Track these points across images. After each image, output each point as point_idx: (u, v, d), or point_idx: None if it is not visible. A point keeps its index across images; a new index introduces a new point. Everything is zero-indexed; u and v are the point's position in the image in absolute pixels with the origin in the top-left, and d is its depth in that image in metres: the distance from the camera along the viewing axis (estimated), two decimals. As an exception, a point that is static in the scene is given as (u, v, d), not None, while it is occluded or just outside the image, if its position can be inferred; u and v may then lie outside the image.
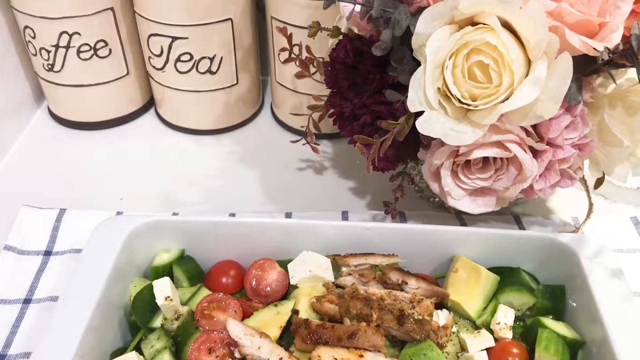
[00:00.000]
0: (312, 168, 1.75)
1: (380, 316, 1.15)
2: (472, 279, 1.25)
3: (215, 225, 1.31)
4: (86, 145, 1.83)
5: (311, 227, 1.30)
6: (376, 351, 1.11)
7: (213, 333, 1.16)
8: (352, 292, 1.20)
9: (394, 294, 1.20)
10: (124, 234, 1.26)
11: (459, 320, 1.24)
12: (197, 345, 1.15)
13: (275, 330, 1.18)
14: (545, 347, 1.11)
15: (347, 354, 1.11)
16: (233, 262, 1.34)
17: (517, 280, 1.27)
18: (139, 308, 1.23)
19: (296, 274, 1.26)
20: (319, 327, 1.15)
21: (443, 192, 1.28)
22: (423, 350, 1.12)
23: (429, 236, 1.28)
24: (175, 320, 1.22)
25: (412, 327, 1.13)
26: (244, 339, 1.14)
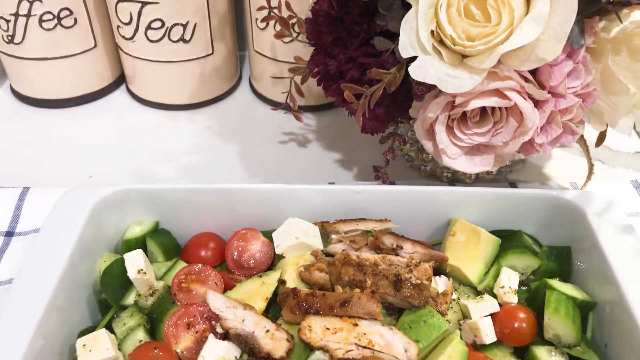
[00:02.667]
0: (295, 141, 1.65)
1: (374, 282, 1.05)
2: (472, 242, 1.16)
3: (191, 193, 1.20)
4: (52, 124, 1.71)
5: (296, 193, 1.19)
6: (372, 319, 1.01)
7: (192, 307, 1.05)
8: (343, 258, 1.10)
9: (388, 258, 1.10)
10: (90, 206, 1.14)
11: (459, 287, 1.15)
12: (174, 321, 1.04)
13: (261, 302, 1.07)
14: (555, 309, 1.02)
15: (340, 323, 1.01)
16: (212, 234, 1.23)
17: (520, 243, 1.19)
18: (108, 284, 1.11)
19: (282, 243, 1.16)
20: (308, 296, 1.05)
21: (437, 150, 1.19)
22: (423, 317, 1.02)
23: (424, 198, 1.19)
24: (150, 296, 1.11)
25: (410, 292, 1.03)
26: (226, 312, 1.03)
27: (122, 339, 1.05)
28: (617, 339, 1.00)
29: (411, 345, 0.97)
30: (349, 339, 0.99)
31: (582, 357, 1.00)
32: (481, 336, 1.04)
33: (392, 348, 0.97)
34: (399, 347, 0.97)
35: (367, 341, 0.98)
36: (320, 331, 1.00)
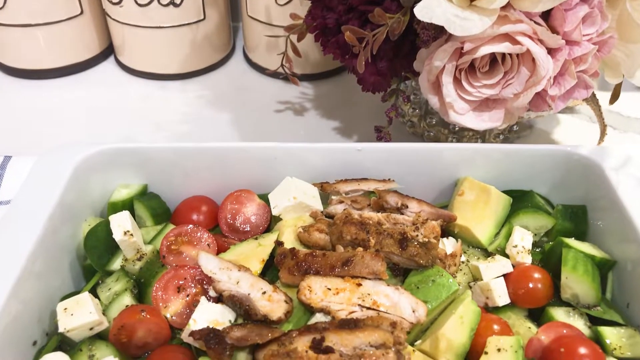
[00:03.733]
0: (291, 110, 1.57)
1: (378, 241, 0.98)
2: (481, 201, 1.09)
3: (181, 153, 1.12)
4: (36, 94, 1.63)
5: (293, 152, 1.12)
6: (376, 279, 0.94)
7: (182, 269, 0.98)
8: (344, 217, 1.02)
9: (393, 217, 1.03)
10: (71, 166, 1.06)
11: (468, 249, 1.08)
12: (164, 283, 0.96)
13: (257, 264, 1.00)
14: (573, 267, 0.95)
15: (342, 283, 0.93)
16: (204, 197, 1.16)
17: (532, 203, 1.11)
18: (93, 248, 1.03)
19: (279, 204, 1.08)
20: (307, 256, 0.97)
21: (444, 106, 1.12)
22: (431, 276, 0.95)
23: (429, 157, 1.12)
24: (138, 260, 1.03)
25: (417, 251, 0.96)
26: (220, 274, 0.96)
27: (108, 304, 0.97)
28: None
29: (419, 305, 0.90)
30: (352, 299, 0.92)
31: (602, 317, 0.93)
32: (493, 298, 0.97)
33: (398, 309, 0.90)
34: (406, 307, 0.90)
35: (371, 302, 0.91)
36: (321, 292, 0.92)
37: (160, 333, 0.91)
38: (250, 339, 0.86)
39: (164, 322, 0.92)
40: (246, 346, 0.89)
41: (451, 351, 0.88)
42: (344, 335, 0.84)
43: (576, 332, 0.91)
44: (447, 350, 0.88)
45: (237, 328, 0.89)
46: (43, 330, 0.93)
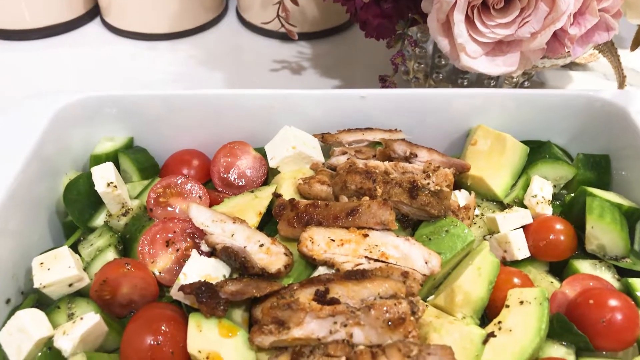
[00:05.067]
0: (288, 69, 1.48)
1: (386, 191, 0.90)
2: (496, 150, 1.00)
3: (170, 102, 1.03)
4: (18, 56, 1.53)
5: (292, 100, 1.03)
6: (384, 229, 0.85)
7: (171, 222, 0.89)
8: (348, 166, 0.94)
9: (401, 165, 0.94)
10: (48, 116, 0.97)
11: (482, 202, 1.00)
12: (150, 237, 0.87)
13: (253, 217, 0.91)
14: (600, 215, 0.87)
15: (347, 234, 0.85)
16: (195, 151, 1.07)
17: (550, 153, 1.03)
18: (73, 202, 0.95)
19: (276, 155, 1.00)
20: (308, 207, 0.89)
21: (455, 49, 1.03)
22: (444, 227, 0.87)
23: (439, 104, 1.03)
24: (123, 216, 0.94)
25: (428, 200, 0.88)
26: (212, 226, 0.87)
27: (89, 261, 0.89)
28: (672, 250, 0.86)
29: (432, 256, 0.81)
30: (358, 251, 0.83)
31: (632, 268, 0.85)
32: (512, 251, 0.89)
33: (409, 260, 0.82)
34: (417, 259, 0.82)
35: (379, 253, 0.83)
36: (324, 243, 0.84)
37: (147, 289, 0.82)
38: (246, 293, 0.78)
39: (150, 278, 0.83)
40: (242, 301, 0.81)
41: (468, 305, 0.80)
42: (351, 286, 0.76)
43: (604, 284, 0.83)
44: (464, 304, 0.80)
45: (231, 282, 0.80)
46: (18, 289, 0.85)
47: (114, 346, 0.80)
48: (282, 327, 0.73)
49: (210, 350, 0.73)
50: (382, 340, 0.70)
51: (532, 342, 0.74)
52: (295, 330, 0.72)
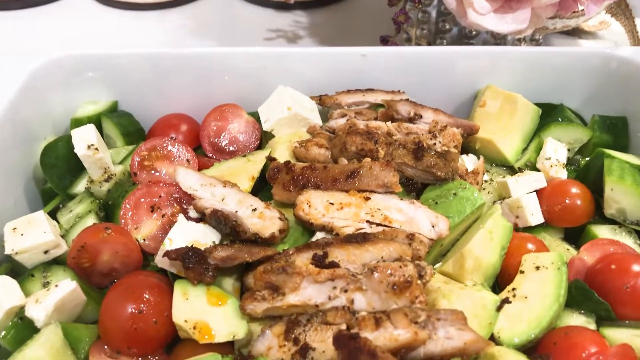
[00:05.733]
0: (284, 38, 1.41)
1: (389, 152, 0.83)
2: (506, 111, 0.94)
3: (156, 61, 0.96)
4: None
5: (286, 59, 0.96)
6: (387, 192, 0.79)
7: (156, 186, 0.82)
8: (347, 127, 0.87)
9: (405, 126, 0.87)
10: (23, 77, 0.89)
11: (491, 167, 0.93)
12: (134, 202, 0.81)
13: (246, 182, 0.85)
14: (620, 177, 0.81)
15: (347, 197, 0.78)
16: (183, 115, 1.00)
17: (563, 116, 0.97)
18: (51, 166, 0.88)
19: (270, 117, 0.93)
20: (305, 170, 0.82)
21: (461, 5, 0.96)
22: (452, 190, 0.80)
23: (445, 62, 0.97)
24: (105, 182, 0.88)
25: (434, 161, 0.81)
26: (201, 190, 0.81)
27: (68, 229, 0.82)
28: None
29: (440, 219, 0.75)
30: (359, 215, 0.77)
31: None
32: (525, 217, 0.83)
33: (414, 224, 0.75)
34: (423, 222, 0.75)
35: (382, 217, 0.76)
36: (322, 207, 0.77)
37: (130, 257, 0.76)
38: (238, 258, 0.71)
39: (133, 244, 0.76)
40: (233, 269, 0.75)
41: (479, 272, 0.74)
42: (351, 250, 0.69)
43: (626, 249, 0.77)
44: (474, 270, 0.73)
45: (221, 248, 0.73)
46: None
47: (93, 318, 0.73)
48: (277, 293, 0.67)
49: (197, 319, 0.67)
50: (386, 306, 0.64)
51: (549, 309, 0.67)
52: (291, 296, 0.66)
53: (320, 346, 0.63)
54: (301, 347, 0.63)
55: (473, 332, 0.58)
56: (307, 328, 0.65)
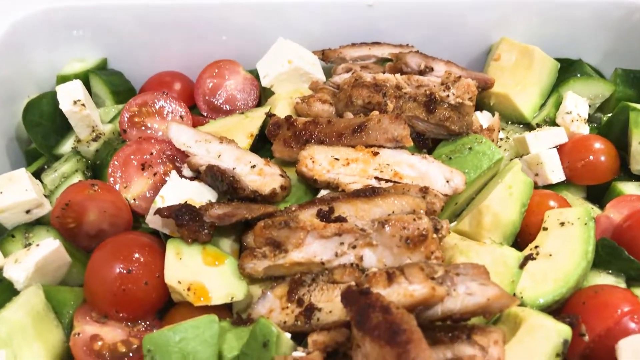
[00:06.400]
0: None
1: (398, 105, 0.77)
2: (522, 65, 0.88)
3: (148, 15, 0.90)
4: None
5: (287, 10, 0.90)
6: (397, 147, 0.73)
7: (146, 143, 0.76)
8: (353, 80, 0.81)
9: (415, 78, 0.81)
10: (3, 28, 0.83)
11: (507, 125, 0.87)
12: (123, 159, 0.74)
13: (243, 140, 0.79)
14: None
15: (353, 153, 0.72)
16: (176, 73, 0.94)
17: (582, 71, 0.90)
18: (35, 124, 0.82)
19: (270, 72, 0.86)
20: (308, 125, 0.76)
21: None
22: (467, 144, 0.74)
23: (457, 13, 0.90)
24: (93, 141, 0.82)
25: (448, 114, 0.75)
26: (195, 147, 0.74)
27: (53, 189, 0.76)
28: None
29: (455, 174, 0.69)
30: (366, 171, 0.71)
31: (687, 189, 0.73)
32: (545, 174, 0.77)
33: (427, 180, 0.69)
34: (437, 177, 0.69)
35: (391, 173, 0.70)
36: (327, 163, 0.71)
37: (119, 216, 0.70)
38: (236, 215, 0.65)
39: (122, 202, 0.71)
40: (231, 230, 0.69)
41: (498, 230, 0.68)
42: (359, 205, 0.64)
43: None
44: (493, 228, 0.68)
45: (218, 205, 0.68)
46: (-32, 219, 0.72)
47: (79, 281, 0.68)
48: (279, 249, 0.61)
49: (192, 280, 0.61)
50: (399, 263, 0.58)
51: (577, 266, 0.62)
52: (295, 253, 0.60)
53: (327, 306, 0.57)
54: (306, 308, 0.58)
55: (497, 287, 0.52)
56: (312, 288, 0.59)
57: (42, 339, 0.58)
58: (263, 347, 0.54)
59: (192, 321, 0.55)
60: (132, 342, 0.61)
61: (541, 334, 0.55)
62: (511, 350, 0.54)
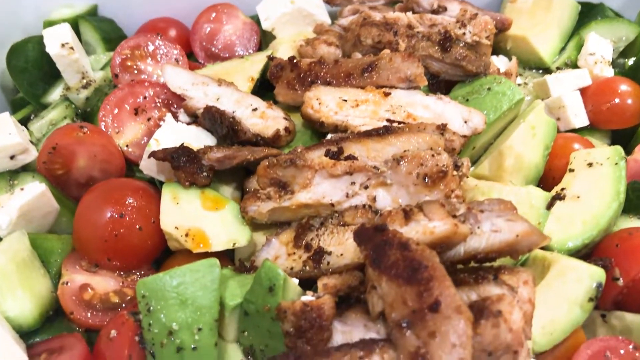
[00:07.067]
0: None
1: (410, 45, 0.72)
2: (541, 6, 0.82)
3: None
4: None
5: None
6: (410, 87, 0.67)
7: (139, 86, 0.71)
8: (362, 20, 0.75)
9: (429, 17, 0.75)
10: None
11: (524, 71, 0.82)
12: (114, 103, 0.69)
13: (244, 84, 0.73)
14: (679, 66, 0.70)
15: (362, 94, 0.67)
16: (171, 19, 0.88)
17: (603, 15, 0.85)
18: (20, 70, 0.76)
19: (271, 14, 0.81)
20: (314, 66, 0.70)
21: None
22: (485, 85, 0.69)
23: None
24: (84, 88, 0.76)
25: (465, 53, 0.69)
26: (192, 90, 0.69)
27: (41, 137, 0.71)
28: None
29: (473, 113, 0.64)
30: (377, 112, 0.65)
31: None
32: (567, 117, 0.72)
33: (443, 121, 0.64)
34: (454, 118, 0.64)
35: (404, 115, 0.65)
36: (334, 104, 0.66)
37: (110, 163, 0.65)
38: (237, 157, 0.60)
39: (114, 146, 0.66)
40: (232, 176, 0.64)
41: (520, 173, 0.63)
42: (371, 144, 0.58)
43: (688, 147, 0.66)
44: (515, 170, 0.63)
45: (217, 148, 0.62)
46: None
47: (68, 231, 0.63)
48: (284, 190, 0.56)
49: (190, 226, 0.57)
50: (415, 203, 0.53)
51: (608, 207, 0.57)
52: (302, 193, 0.55)
53: (338, 249, 0.52)
54: (314, 252, 0.53)
55: (526, 223, 0.47)
56: (320, 232, 0.55)
57: (27, 287, 0.53)
58: (269, 292, 0.49)
59: (191, 265, 0.50)
60: (125, 293, 0.56)
61: (572, 277, 0.51)
62: (540, 296, 0.49)
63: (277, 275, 0.49)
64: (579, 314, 0.50)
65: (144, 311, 0.49)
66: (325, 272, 0.52)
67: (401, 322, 0.42)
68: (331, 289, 0.49)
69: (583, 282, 0.50)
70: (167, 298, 0.49)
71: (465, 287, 0.46)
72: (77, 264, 0.57)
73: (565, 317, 0.50)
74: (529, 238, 0.47)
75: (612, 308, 0.54)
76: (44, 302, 0.54)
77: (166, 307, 0.49)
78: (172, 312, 0.49)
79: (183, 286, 0.49)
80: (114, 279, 0.57)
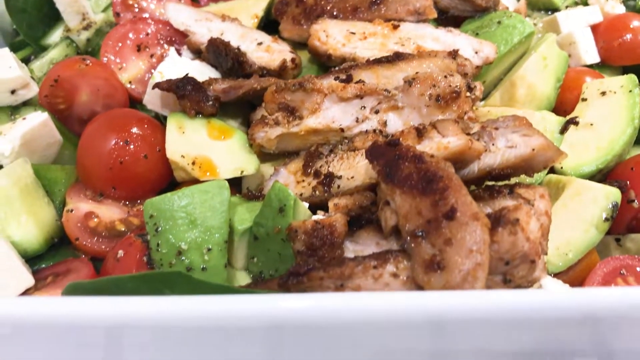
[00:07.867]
0: None
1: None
2: (551, -56, 0.80)
3: None
4: None
5: None
6: (419, 20, 0.66)
7: (141, 23, 0.69)
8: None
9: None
10: None
11: (532, 13, 0.80)
12: (117, 38, 0.68)
13: (248, 21, 0.71)
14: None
15: (371, 27, 0.65)
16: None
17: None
18: (19, 11, 0.75)
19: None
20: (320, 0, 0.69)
21: None
22: (495, 19, 0.67)
23: None
24: (84, 30, 0.75)
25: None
26: (195, 26, 0.68)
27: (42, 76, 0.69)
28: None
29: (484, 44, 0.62)
30: (386, 45, 0.64)
31: None
32: (578, 53, 0.70)
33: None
34: (465, 49, 0.62)
35: (414, 47, 0.63)
36: (342, 36, 0.65)
37: (113, 97, 0.63)
38: (243, 87, 0.59)
39: (116, 80, 0.64)
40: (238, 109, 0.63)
41: (532, 103, 0.62)
42: (381, 71, 0.57)
43: None
44: (527, 101, 0.62)
45: (222, 80, 0.61)
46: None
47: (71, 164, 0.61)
48: (293, 116, 0.55)
49: (196, 154, 0.55)
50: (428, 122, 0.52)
51: (623, 133, 0.56)
52: (311, 118, 0.54)
53: (348, 173, 0.51)
54: (324, 177, 0.52)
55: (542, 137, 0.46)
56: (329, 159, 0.53)
57: (31, 212, 0.52)
58: (279, 213, 0.48)
59: (200, 185, 0.49)
60: (131, 222, 0.55)
61: (588, 197, 0.50)
62: (555, 216, 0.48)
63: (288, 195, 0.48)
64: (595, 234, 0.49)
65: (152, 232, 0.48)
66: (336, 195, 0.51)
67: (416, 232, 0.41)
68: (342, 208, 0.48)
69: (599, 202, 0.49)
70: (175, 218, 0.48)
71: (480, 202, 0.45)
72: (82, 193, 0.56)
73: (581, 238, 0.49)
74: (545, 153, 0.46)
75: (626, 232, 0.53)
76: (49, 229, 0.53)
77: (175, 227, 0.48)
78: (181, 232, 0.48)
79: (192, 206, 0.48)
80: (119, 208, 0.56)
